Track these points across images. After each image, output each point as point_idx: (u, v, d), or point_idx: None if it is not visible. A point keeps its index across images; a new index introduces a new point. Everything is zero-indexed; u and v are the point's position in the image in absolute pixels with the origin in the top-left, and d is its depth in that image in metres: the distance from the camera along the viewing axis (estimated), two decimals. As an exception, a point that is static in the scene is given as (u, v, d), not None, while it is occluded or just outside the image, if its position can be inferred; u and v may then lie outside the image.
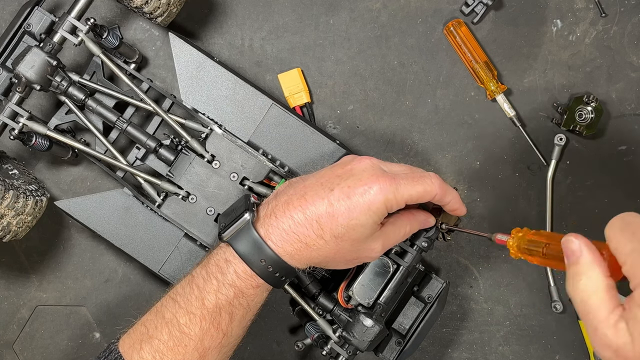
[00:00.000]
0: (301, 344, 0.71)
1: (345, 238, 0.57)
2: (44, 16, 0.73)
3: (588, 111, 0.79)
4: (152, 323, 0.59)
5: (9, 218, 0.67)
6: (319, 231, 0.57)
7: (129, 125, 0.74)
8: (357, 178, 0.57)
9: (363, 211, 0.56)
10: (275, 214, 0.58)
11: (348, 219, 0.56)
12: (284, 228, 0.57)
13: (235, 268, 0.58)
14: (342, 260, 0.60)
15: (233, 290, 0.58)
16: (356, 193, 0.56)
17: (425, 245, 0.67)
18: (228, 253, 0.59)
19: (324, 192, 0.57)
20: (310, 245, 0.57)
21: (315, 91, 0.84)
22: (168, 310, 0.59)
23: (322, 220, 0.56)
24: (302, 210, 0.57)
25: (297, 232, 0.57)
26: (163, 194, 0.73)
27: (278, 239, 0.57)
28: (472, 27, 0.83)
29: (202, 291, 0.58)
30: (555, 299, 0.83)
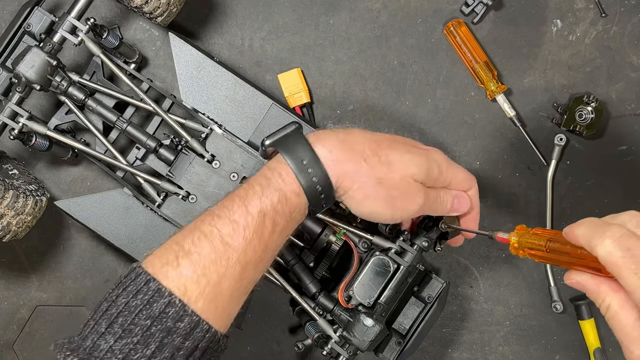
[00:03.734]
0: (301, 344, 0.71)
1: (398, 168, 0.57)
2: (44, 16, 0.73)
3: (588, 111, 0.79)
4: (188, 238, 0.54)
5: (9, 218, 0.67)
6: (376, 149, 0.57)
7: (129, 125, 0.74)
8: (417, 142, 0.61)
9: (422, 154, 0.58)
10: (325, 135, 0.57)
11: (407, 151, 0.58)
12: (339, 137, 0.57)
13: (281, 172, 0.55)
14: (386, 193, 0.58)
15: (277, 195, 0.54)
16: (418, 147, 0.59)
17: (425, 245, 0.67)
18: (274, 162, 0.56)
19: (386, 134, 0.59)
20: (363, 157, 0.56)
21: (315, 91, 0.84)
22: (206, 223, 0.54)
23: (382, 142, 0.57)
24: (361, 131, 0.58)
25: (353, 142, 0.57)
26: (163, 194, 0.73)
27: (329, 144, 0.56)
28: (472, 27, 0.83)
29: (244, 199, 0.54)
30: (555, 299, 0.83)
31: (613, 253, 0.44)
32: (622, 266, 0.44)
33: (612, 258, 0.44)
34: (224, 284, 0.53)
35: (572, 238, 0.48)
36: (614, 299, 0.47)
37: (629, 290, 0.44)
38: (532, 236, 0.53)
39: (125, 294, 0.53)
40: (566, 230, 0.48)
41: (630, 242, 0.44)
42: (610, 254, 0.44)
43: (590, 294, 0.48)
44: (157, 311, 0.51)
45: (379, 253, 0.66)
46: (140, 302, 0.52)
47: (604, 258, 0.45)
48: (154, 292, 0.52)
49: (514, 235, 0.55)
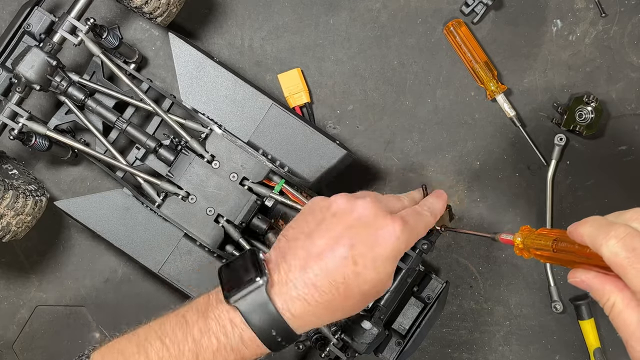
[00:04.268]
0: (302, 345, 0.71)
1: (373, 290, 0.54)
2: (44, 16, 0.73)
3: (588, 111, 0.79)
4: (133, 356, 0.53)
5: (9, 218, 0.67)
6: (346, 292, 0.52)
7: (128, 125, 0.74)
8: (372, 228, 0.53)
9: (389, 260, 0.53)
10: (292, 281, 0.52)
11: (376, 272, 0.53)
12: (306, 298, 0.52)
13: (242, 334, 0.52)
14: (360, 307, 0.56)
15: (234, 356, 0.52)
16: (379, 244, 0.53)
17: (425, 248, 0.67)
18: (233, 315, 0.52)
19: (344, 249, 0.52)
20: (334, 307, 0.53)
21: (315, 91, 0.84)
22: (154, 351, 0.53)
23: (348, 281, 0.52)
24: (324, 275, 0.52)
25: (322, 300, 0.52)
26: (163, 194, 0.73)
27: (299, 310, 0.52)
28: (472, 27, 0.83)
29: (198, 346, 0.52)
30: (555, 299, 0.83)
31: (618, 253, 0.44)
32: (627, 266, 0.44)
33: (617, 258, 0.44)
34: None
35: (576, 237, 0.48)
36: (618, 297, 0.46)
37: (634, 290, 0.44)
38: (538, 236, 0.53)
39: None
40: (570, 229, 0.48)
41: (635, 241, 0.44)
42: (615, 254, 0.44)
43: (595, 292, 0.48)
44: None
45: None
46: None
47: (608, 258, 0.44)
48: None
49: (519, 236, 0.55)
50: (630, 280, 0.44)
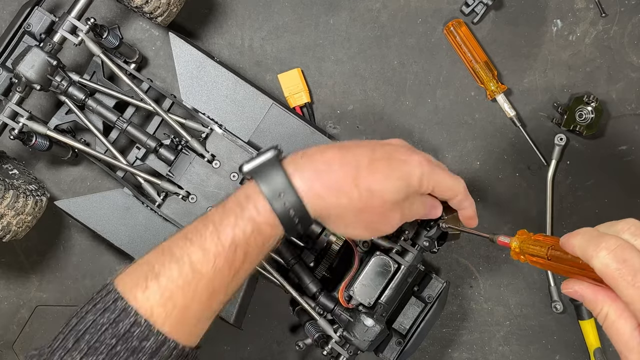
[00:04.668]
0: (302, 343, 0.71)
1: (378, 195, 0.55)
2: (44, 16, 0.73)
3: (588, 111, 0.79)
4: (159, 260, 0.54)
5: (9, 218, 0.67)
6: (355, 179, 0.55)
7: (129, 125, 0.74)
8: (396, 148, 0.57)
9: (401, 175, 0.56)
10: (309, 155, 0.56)
11: (386, 176, 0.55)
12: (318, 168, 0.55)
13: (256, 202, 0.54)
14: (365, 220, 0.57)
15: (251, 227, 0.54)
16: (397, 158, 0.56)
17: (426, 245, 0.67)
18: (250, 189, 0.55)
19: (365, 149, 0.56)
20: (343, 190, 0.55)
21: (315, 91, 0.84)
22: (178, 247, 0.54)
23: (361, 169, 0.55)
24: (340, 157, 0.55)
25: (332, 175, 0.55)
26: (163, 193, 0.73)
27: (307, 177, 0.54)
28: (472, 27, 0.83)
29: (217, 226, 0.54)
30: (555, 299, 0.83)
31: (609, 265, 0.44)
32: (618, 278, 0.44)
33: (608, 270, 0.44)
34: (191, 308, 0.54)
35: (568, 248, 0.48)
36: (611, 308, 0.47)
37: (626, 302, 0.44)
38: (534, 242, 0.53)
39: (94, 310, 0.53)
40: (562, 240, 0.48)
41: (625, 253, 0.44)
42: (606, 266, 0.44)
43: (588, 303, 0.48)
44: (123, 330, 0.52)
45: (379, 253, 0.66)
46: (106, 321, 0.52)
47: (600, 270, 0.45)
48: (121, 311, 0.52)
49: (515, 240, 0.55)
50: (622, 292, 0.44)
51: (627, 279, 0.43)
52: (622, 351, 0.46)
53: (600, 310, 0.47)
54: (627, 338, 0.46)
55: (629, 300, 0.44)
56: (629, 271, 0.43)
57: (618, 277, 0.44)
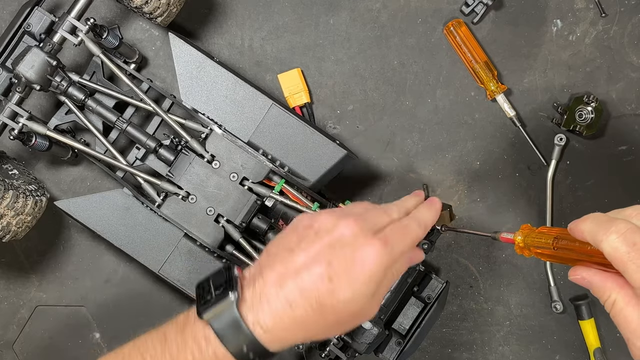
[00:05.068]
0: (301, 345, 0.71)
1: (346, 312, 0.53)
2: (44, 16, 0.73)
3: (588, 111, 0.79)
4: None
5: (9, 218, 0.67)
6: (319, 310, 0.51)
7: (128, 125, 0.74)
8: (351, 248, 0.52)
9: (365, 281, 0.52)
10: (266, 295, 0.52)
11: (351, 292, 0.51)
12: (278, 312, 0.51)
13: (215, 350, 0.52)
14: (340, 330, 0.56)
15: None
16: (355, 264, 0.52)
17: (425, 248, 0.67)
18: (208, 331, 0.52)
19: (320, 266, 0.51)
20: (308, 325, 0.52)
21: (315, 91, 0.84)
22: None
23: (322, 298, 0.51)
24: (298, 291, 0.51)
25: (294, 315, 0.51)
26: (163, 194, 0.73)
27: (270, 325, 0.52)
28: (472, 27, 0.83)
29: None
30: (555, 299, 0.83)
31: (619, 248, 0.44)
32: (627, 262, 0.44)
33: (617, 254, 0.44)
34: None
35: (577, 233, 0.48)
36: (619, 294, 0.46)
37: (635, 286, 0.44)
38: (538, 235, 0.53)
39: None
40: (571, 226, 0.48)
41: (635, 236, 0.44)
42: (615, 249, 0.44)
43: (596, 290, 0.48)
44: None
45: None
46: None
47: (609, 254, 0.45)
48: None
49: (519, 235, 0.55)
50: (631, 276, 0.44)
51: (637, 262, 0.43)
52: (630, 338, 0.46)
53: (608, 297, 0.47)
54: (635, 325, 0.46)
55: (637, 284, 0.44)
56: (638, 255, 0.43)
57: (627, 261, 0.44)
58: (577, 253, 0.49)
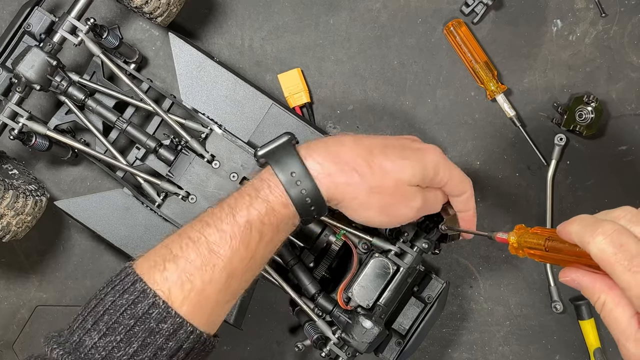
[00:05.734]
0: (301, 345, 0.71)
1: (392, 175, 0.56)
2: (44, 16, 0.73)
3: (588, 111, 0.79)
4: (177, 243, 0.55)
5: (9, 218, 0.67)
6: (368, 158, 0.56)
7: (128, 125, 0.74)
8: (412, 141, 0.60)
9: (417, 158, 0.57)
10: (323, 140, 0.58)
11: (401, 157, 0.57)
12: (330, 149, 0.56)
13: (269, 183, 0.56)
14: (380, 202, 0.58)
15: (265, 206, 0.55)
16: (412, 147, 0.58)
17: (425, 247, 0.67)
18: (265, 173, 0.57)
19: (380, 138, 0.58)
20: (355, 169, 0.56)
21: (315, 91, 0.84)
22: (195, 230, 0.55)
23: (374, 150, 0.56)
24: (354, 139, 0.57)
25: (345, 154, 0.56)
26: (163, 194, 0.73)
27: (319, 157, 0.56)
28: (472, 27, 0.83)
29: (233, 208, 0.55)
30: (555, 299, 0.83)
31: (605, 250, 0.44)
32: (614, 263, 0.43)
33: (604, 255, 0.44)
34: (209, 290, 0.54)
35: (565, 235, 0.48)
36: (609, 296, 0.46)
37: (622, 287, 0.44)
38: (531, 235, 0.53)
39: (113, 292, 0.54)
40: (559, 228, 0.48)
41: (622, 238, 0.44)
42: (602, 251, 0.44)
43: (585, 291, 0.48)
44: (141, 312, 0.52)
45: (378, 254, 0.66)
46: (125, 302, 0.53)
47: (596, 255, 0.44)
48: (140, 293, 0.53)
49: (513, 235, 0.55)
50: (618, 277, 0.44)
51: (624, 264, 0.43)
52: (619, 339, 0.46)
53: (597, 298, 0.47)
54: (625, 326, 0.45)
55: (625, 285, 0.43)
56: (625, 256, 0.43)
57: (614, 262, 0.43)
58: (568, 254, 0.49)
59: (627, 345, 0.45)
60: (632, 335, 0.45)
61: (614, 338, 0.46)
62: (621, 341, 0.46)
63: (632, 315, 0.45)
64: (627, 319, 0.45)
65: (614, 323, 0.46)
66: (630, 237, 0.44)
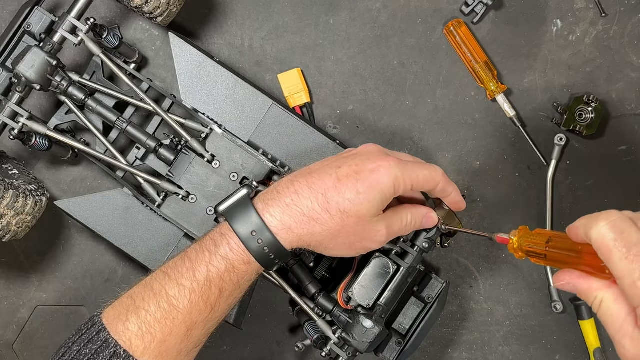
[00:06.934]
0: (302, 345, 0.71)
1: (351, 213, 0.55)
2: (44, 16, 0.73)
3: (588, 111, 0.79)
4: (140, 295, 0.57)
5: (9, 218, 0.67)
6: (324, 204, 0.55)
7: (129, 125, 0.74)
8: (364, 157, 0.57)
9: (371, 186, 0.55)
10: (277, 190, 0.57)
11: (356, 192, 0.55)
12: (286, 202, 0.56)
13: (229, 240, 0.56)
14: (344, 242, 0.58)
15: (225, 264, 0.56)
16: (365, 169, 0.56)
17: (426, 246, 0.67)
18: (224, 227, 0.57)
19: (331, 169, 0.57)
20: (314, 218, 0.56)
21: (315, 91, 0.84)
22: (157, 282, 0.57)
23: (328, 193, 0.55)
24: (307, 185, 0.56)
25: (300, 205, 0.56)
26: (163, 193, 0.73)
27: (277, 212, 0.56)
28: (472, 27, 0.83)
29: (193, 263, 0.56)
30: (555, 299, 0.83)
31: (606, 235, 0.44)
32: (613, 249, 0.43)
33: (604, 240, 0.44)
34: (169, 341, 0.56)
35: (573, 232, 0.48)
36: (607, 293, 0.46)
37: (617, 276, 0.44)
38: (532, 236, 0.53)
39: (79, 342, 0.56)
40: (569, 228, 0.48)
41: (624, 225, 0.44)
42: (603, 236, 0.44)
43: (582, 292, 0.48)
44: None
45: (379, 254, 0.66)
46: (89, 351, 0.55)
47: (596, 240, 0.44)
48: (103, 342, 0.55)
49: (514, 235, 0.55)
50: (615, 265, 0.43)
51: (622, 251, 0.43)
52: (616, 337, 0.46)
53: (594, 298, 0.47)
54: (621, 324, 0.45)
55: (620, 274, 0.43)
56: (624, 243, 0.43)
57: (613, 249, 0.43)
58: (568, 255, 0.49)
59: (623, 343, 0.45)
60: (629, 332, 0.45)
61: (611, 336, 0.46)
62: (617, 339, 0.46)
63: (629, 313, 0.45)
64: (623, 317, 0.45)
65: (611, 321, 0.46)
66: (633, 227, 0.44)
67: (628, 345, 0.45)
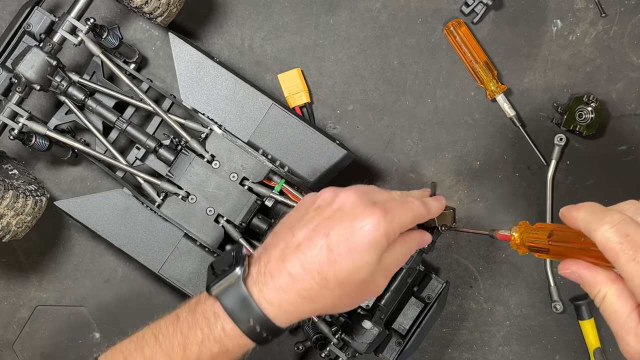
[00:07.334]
0: (301, 345, 0.71)
1: (351, 282, 0.53)
2: (44, 16, 0.73)
3: (588, 111, 0.79)
4: (131, 355, 0.56)
5: (9, 218, 0.67)
6: (321, 282, 0.52)
7: (128, 125, 0.74)
8: (350, 216, 0.53)
9: (366, 249, 0.52)
10: (270, 271, 0.53)
11: (352, 261, 0.52)
12: (281, 286, 0.52)
13: (224, 324, 0.53)
14: (347, 303, 0.56)
15: (218, 347, 0.54)
16: (354, 233, 0.52)
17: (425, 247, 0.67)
18: (217, 307, 0.54)
19: (319, 238, 0.52)
20: (312, 298, 0.53)
21: (315, 91, 0.84)
22: (148, 346, 0.55)
23: (324, 269, 0.52)
24: (300, 265, 0.52)
25: (297, 288, 0.52)
26: (163, 194, 0.73)
27: (275, 299, 0.53)
28: (472, 27, 0.83)
29: (185, 339, 0.54)
30: (555, 299, 0.83)
31: (611, 239, 0.44)
32: (619, 252, 0.44)
33: (609, 244, 0.44)
34: None
35: (569, 220, 0.48)
36: (611, 288, 0.46)
37: (625, 277, 0.44)
38: (533, 231, 0.53)
39: None
40: (563, 211, 0.48)
41: (628, 228, 0.44)
42: (608, 239, 0.44)
43: (586, 284, 0.48)
44: None
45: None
46: None
47: (601, 243, 0.44)
48: None
49: (515, 231, 0.55)
50: (622, 266, 0.44)
51: (629, 253, 0.43)
52: (619, 333, 0.46)
53: (598, 291, 0.47)
54: (625, 319, 0.45)
55: (628, 276, 0.44)
56: (630, 246, 0.43)
57: (619, 251, 0.44)
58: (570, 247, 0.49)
59: (626, 339, 0.45)
60: (633, 328, 0.45)
61: (614, 332, 0.46)
62: (621, 335, 0.46)
63: (633, 309, 0.45)
64: (627, 312, 0.45)
65: (614, 316, 0.46)
66: (637, 228, 0.44)
67: (632, 341, 0.45)
